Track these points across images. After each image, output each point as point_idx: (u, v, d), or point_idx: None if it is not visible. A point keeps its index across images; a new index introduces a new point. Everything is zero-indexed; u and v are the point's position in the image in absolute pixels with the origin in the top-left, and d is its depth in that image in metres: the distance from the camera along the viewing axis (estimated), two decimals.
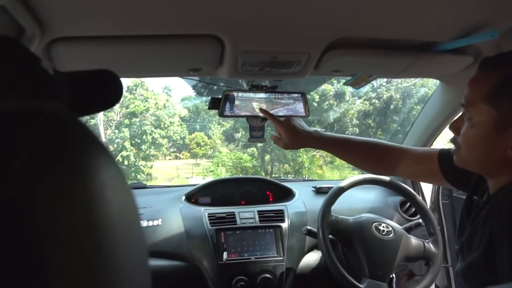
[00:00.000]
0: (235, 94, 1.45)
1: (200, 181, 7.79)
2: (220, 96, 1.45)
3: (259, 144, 16.57)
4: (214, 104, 1.45)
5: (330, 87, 16.49)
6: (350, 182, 1.82)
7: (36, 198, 0.32)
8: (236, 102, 1.45)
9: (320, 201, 1.87)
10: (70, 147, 0.35)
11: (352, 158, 1.46)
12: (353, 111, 16.67)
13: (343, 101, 16.67)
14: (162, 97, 17.12)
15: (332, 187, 1.91)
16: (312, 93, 15.45)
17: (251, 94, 1.47)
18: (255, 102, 1.47)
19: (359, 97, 16.89)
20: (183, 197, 2.11)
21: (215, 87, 2.12)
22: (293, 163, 16.51)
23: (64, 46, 1.02)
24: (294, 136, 1.46)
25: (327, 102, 16.58)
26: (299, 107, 1.50)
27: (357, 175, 1.85)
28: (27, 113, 0.34)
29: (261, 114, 1.48)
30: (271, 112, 1.48)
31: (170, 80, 19.80)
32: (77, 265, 0.33)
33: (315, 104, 16.26)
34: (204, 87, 4.96)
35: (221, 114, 1.44)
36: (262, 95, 1.48)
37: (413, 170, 1.38)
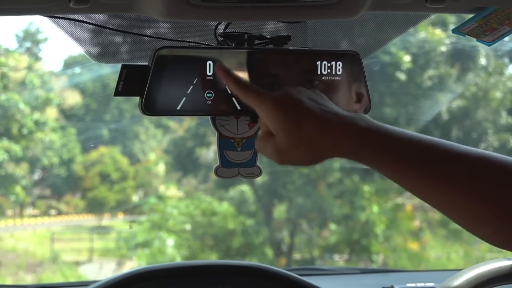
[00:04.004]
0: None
1: (109, 271, 6.67)
2: (146, 63, 0.81)
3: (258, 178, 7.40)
4: (130, 81, 0.80)
5: (440, 36, 7.35)
6: (473, 279, 1.14)
7: None
8: None
9: None
10: None
11: (453, 198, 0.69)
12: (499, 92, 7.47)
13: (474, 69, 7.56)
14: (17, 58, 8.33)
15: None
16: (393, 50, 7.01)
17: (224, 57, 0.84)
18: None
19: None
20: None
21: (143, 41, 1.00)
22: (343, 224, 7.72)
23: None
24: (298, 125, 0.71)
25: (431, 73, 7.40)
26: (343, 91, 0.86)
27: (499, 260, 1.16)
28: None
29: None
30: None
31: (39, 21, 9.89)
32: None
33: (401, 77, 7.24)
34: (122, 38, 1.04)
35: (149, 108, 0.80)
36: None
37: None
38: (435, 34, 7.08)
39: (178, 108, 0.82)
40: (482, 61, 7.23)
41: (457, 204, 0.69)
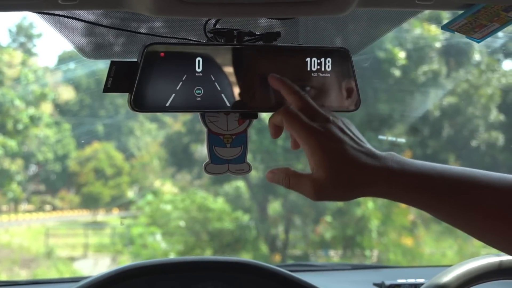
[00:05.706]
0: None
1: (104, 266, 6.66)
2: (135, 59, 0.80)
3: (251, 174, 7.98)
4: (120, 78, 0.80)
5: (435, 32, 7.29)
6: (462, 275, 1.09)
7: None
8: None
9: None
10: None
11: (485, 226, 0.74)
12: (490, 89, 7.42)
13: (467, 65, 7.57)
14: (11, 54, 8.21)
15: (421, 285, 1.18)
16: (389, 47, 6.89)
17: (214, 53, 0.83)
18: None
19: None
20: None
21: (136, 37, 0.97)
22: (338, 220, 7.50)
23: None
24: (340, 168, 0.74)
25: (426, 68, 7.37)
26: (333, 88, 0.86)
27: (488, 256, 1.13)
28: None
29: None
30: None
31: (32, 16, 9.61)
32: None
33: (396, 73, 7.15)
34: (112, 35, 1.03)
35: (138, 104, 0.79)
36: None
37: None
38: (431, 30, 7.05)
39: (168, 104, 0.81)
40: (475, 56, 7.22)
41: (489, 231, 0.74)
